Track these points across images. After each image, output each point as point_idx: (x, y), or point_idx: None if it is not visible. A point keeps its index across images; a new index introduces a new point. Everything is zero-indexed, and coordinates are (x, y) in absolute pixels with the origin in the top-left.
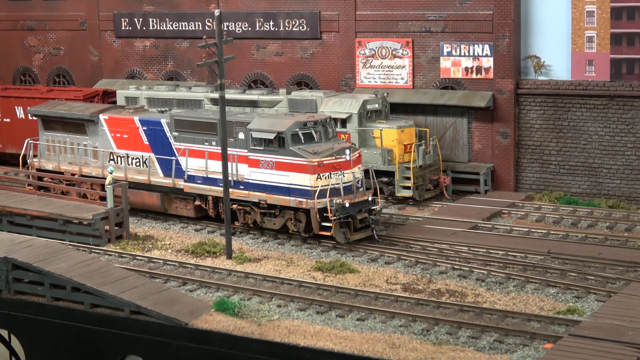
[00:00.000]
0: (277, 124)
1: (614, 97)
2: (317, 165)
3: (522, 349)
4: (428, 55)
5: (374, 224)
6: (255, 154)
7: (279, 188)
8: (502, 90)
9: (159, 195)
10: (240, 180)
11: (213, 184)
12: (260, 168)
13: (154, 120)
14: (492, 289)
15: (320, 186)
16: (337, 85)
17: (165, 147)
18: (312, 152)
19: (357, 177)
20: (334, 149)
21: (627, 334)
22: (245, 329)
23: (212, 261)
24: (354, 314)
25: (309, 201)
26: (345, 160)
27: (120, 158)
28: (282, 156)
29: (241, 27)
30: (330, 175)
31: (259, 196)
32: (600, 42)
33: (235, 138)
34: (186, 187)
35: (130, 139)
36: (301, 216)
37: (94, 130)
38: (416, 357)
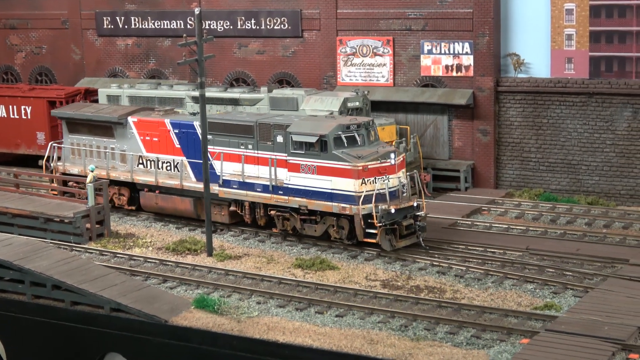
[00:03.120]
0: (319, 127)
1: (592, 94)
2: (361, 169)
3: (499, 344)
4: (409, 53)
5: (420, 231)
6: (296, 158)
7: (321, 193)
8: (482, 87)
9: (191, 200)
10: (279, 185)
11: (250, 189)
12: (301, 173)
13: (186, 123)
14: (470, 285)
15: (365, 191)
16: (319, 83)
17: (199, 150)
18: (356, 156)
19: (402, 182)
20: (379, 152)
21: (603, 329)
22: (225, 326)
23: (192, 259)
24: (333, 311)
25: (353, 207)
26: (390, 164)
27: (150, 162)
28: (325, 160)
29: (223, 26)
30: (375, 180)
31: (299, 202)
32: (579, 40)
33: (273, 141)
34: (221, 192)
35: (160, 142)
36: (344, 223)
37: (122, 133)
38: (394, 353)
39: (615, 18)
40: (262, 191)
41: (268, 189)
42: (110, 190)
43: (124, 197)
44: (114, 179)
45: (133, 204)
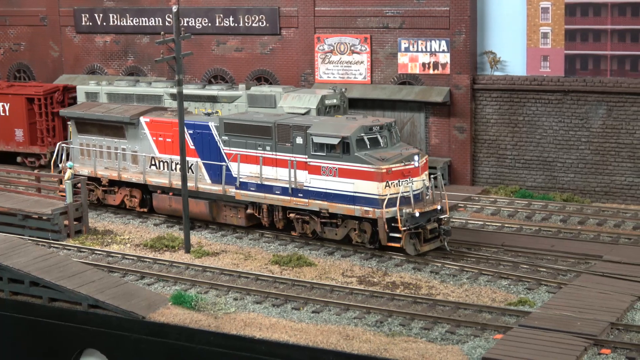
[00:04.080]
0: (341, 128)
1: (568, 92)
2: (385, 172)
3: (473, 340)
4: (386, 51)
5: (445, 235)
6: (316, 159)
7: (343, 196)
8: (459, 85)
9: (206, 203)
10: (298, 187)
11: (268, 192)
12: (322, 175)
13: (201, 124)
14: (445, 281)
15: (389, 195)
16: (297, 80)
17: (214, 152)
18: (379, 159)
19: (426, 185)
20: (403, 155)
21: (576, 324)
22: (202, 322)
23: (170, 255)
24: (309, 307)
25: (377, 210)
26: (414, 166)
27: (163, 163)
28: (347, 162)
29: (201, 23)
30: (399, 182)
31: (319, 205)
32: (554, 38)
33: (292, 143)
34: (238, 195)
35: (174, 143)
36: (366, 226)
37: (134, 134)
38: (369, 348)
39: (591, 16)
40: (281, 194)
41: (287, 192)
42: (122, 192)
43: (136, 199)
44: (125, 181)
45: (145, 206)
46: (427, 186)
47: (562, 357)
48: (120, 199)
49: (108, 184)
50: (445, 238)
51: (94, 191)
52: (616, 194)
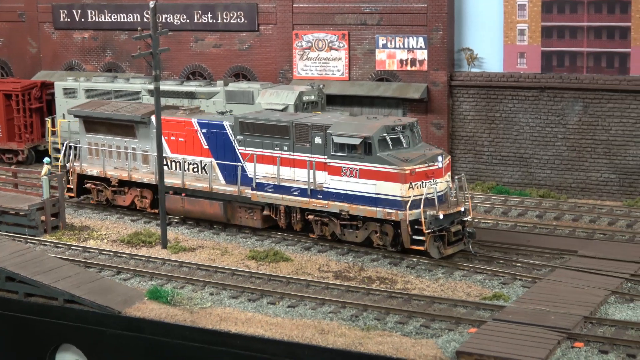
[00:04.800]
0: (363, 128)
1: (544, 88)
2: (409, 173)
3: (448, 334)
4: (364, 47)
5: (469, 237)
6: (337, 160)
7: (364, 198)
8: (436, 82)
9: (221, 204)
10: (317, 188)
11: (286, 193)
12: (342, 176)
13: (215, 123)
14: (421, 276)
15: (413, 196)
16: (275, 77)
17: (229, 152)
18: (402, 159)
19: (450, 186)
20: (426, 155)
21: (550, 318)
22: (178, 317)
23: (147, 251)
24: (285, 301)
25: (400, 212)
26: (437, 167)
27: (175, 163)
28: (369, 163)
29: (179, 19)
30: (423, 184)
31: (339, 206)
32: (531, 35)
33: (310, 143)
34: (254, 196)
35: (187, 142)
36: (388, 229)
37: (145, 133)
38: (344, 342)
39: (567, 13)
40: (300, 195)
41: (306, 193)
42: (132, 193)
43: (147, 200)
44: (136, 181)
45: (156, 207)
46: (451, 188)
47: (536, 350)
48: (130, 200)
49: (118, 185)
50: (469, 241)
51: (103, 192)
52: (592, 190)
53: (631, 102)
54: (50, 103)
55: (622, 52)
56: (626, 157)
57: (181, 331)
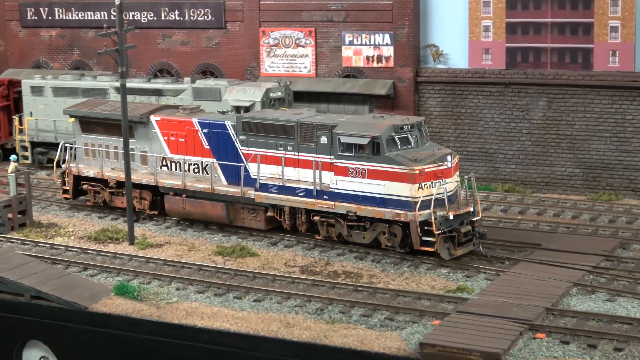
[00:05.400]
0: (371, 128)
1: (509, 84)
2: (418, 173)
3: (412, 326)
4: (330, 44)
5: (480, 238)
6: (343, 160)
7: (372, 199)
8: (402, 78)
9: (223, 205)
10: (323, 189)
11: (291, 194)
12: (349, 176)
13: (217, 123)
14: (386, 270)
15: (422, 197)
16: (242, 74)
17: (231, 152)
18: (411, 159)
19: (459, 186)
20: (436, 155)
21: (512, 310)
22: (144, 312)
23: (114, 247)
24: (251, 296)
25: (409, 213)
26: (447, 167)
27: (175, 164)
28: (377, 163)
29: (147, 17)
30: (432, 184)
31: (346, 207)
32: (496, 31)
33: (316, 143)
34: (258, 197)
35: (187, 143)
36: (397, 230)
37: (144, 133)
38: (310, 335)
39: (531, 10)
40: (305, 196)
41: (311, 194)
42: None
43: (146, 202)
44: (135, 182)
45: (155, 209)
46: (460, 187)
47: (498, 341)
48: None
49: (116, 186)
50: (479, 242)
51: (100, 193)
52: (556, 185)
53: (594, 97)
54: (17, 101)
55: (585, 47)
56: (590, 151)
57: (148, 326)
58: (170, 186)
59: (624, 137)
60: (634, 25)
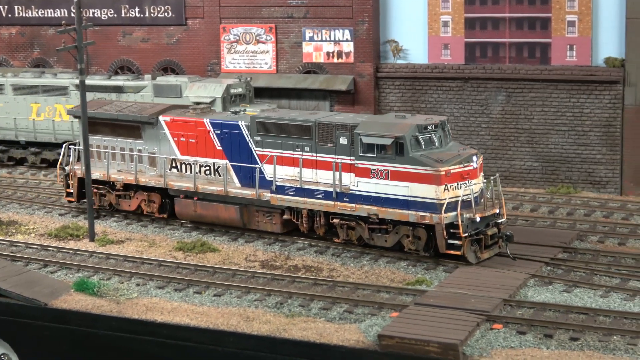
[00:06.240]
0: (394, 128)
1: (468, 79)
2: (444, 174)
3: (370, 318)
4: (291, 40)
5: (507, 240)
6: (365, 161)
7: (395, 201)
8: (363, 74)
9: (237, 208)
10: (343, 191)
11: (309, 196)
12: (371, 178)
13: (230, 123)
14: (346, 264)
15: (448, 198)
16: (203, 70)
17: (244, 153)
18: (436, 160)
19: (484, 187)
20: (462, 155)
21: (470, 301)
22: (104, 308)
23: (74, 244)
24: (211, 291)
25: (434, 216)
26: (472, 167)
27: (186, 166)
28: (400, 164)
29: (107, 14)
30: (458, 185)
31: (368, 209)
32: (455, 27)
33: (335, 143)
34: (274, 199)
35: (198, 143)
36: (421, 233)
37: (152, 134)
38: (269, 329)
39: (489, 5)
40: (324, 198)
41: (331, 196)
42: (138, 197)
43: (155, 205)
44: (143, 185)
45: (164, 212)
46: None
47: (455, 332)
48: (136, 205)
49: (123, 188)
50: (506, 244)
51: (106, 196)
52: (515, 178)
53: (552, 92)
54: None
55: (543, 42)
56: (548, 145)
57: (107, 321)
58: (181, 189)
59: (581, 131)
60: (590, 20)
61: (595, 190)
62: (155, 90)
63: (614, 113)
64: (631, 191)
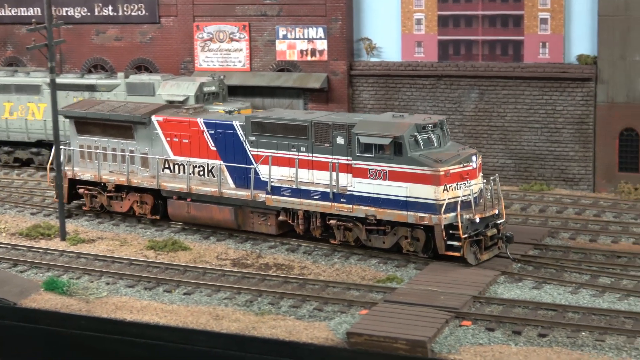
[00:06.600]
0: (392, 127)
1: (441, 77)
2: (443, 175)
3: (340, 316)
4: (264, 38)
5: (507, 242)
6: (362, 161)
7: (393, 201)
8: (336, 71)
9: (231, 209)
10: (341, 192)
11: (305, 197)
12: (369, 178)
13: (224, 123)
14: (317, 262)
15: (448, 199)
16: (177, 69)
17: (239, 153)
18: (435, 160)
19: (483, 188)
20: (461, 155)
21: (439, 298)
22: (74, 307)
23: (45, 243)
24: (181, 289)
25: (434, 217)
26: (472, 168)
27: (179, 166)
28: (399, 165)
29: (80, 12)
30: (458, 185)
31: (365, 210)
32: (428, 24)
33: (331, 143)
34: (269, 200)
35: (192, 144)
36: (419, 234)
37: (144, 134)
38: (238, 327)
39: (462, 2)
40: (321, 199)
41: (327, 197)
42: (130, 198)
43: (147, 206)
44: (136, 186)
45: (157, 213)
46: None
47: (424, 329)
48: (128, 206)
49: (114, 190)
50: (507, 245)
51: (97, 197)
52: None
53: (525, 89)
54: None
55: (515, 39)
56: (521, 142)
57: (77, 321)
58: (174, 190)
59: (554, 128)
60: (563, 17)
61: (568, 187)
62: (128, 89)
63: (586, 110)
64: (603, 188)
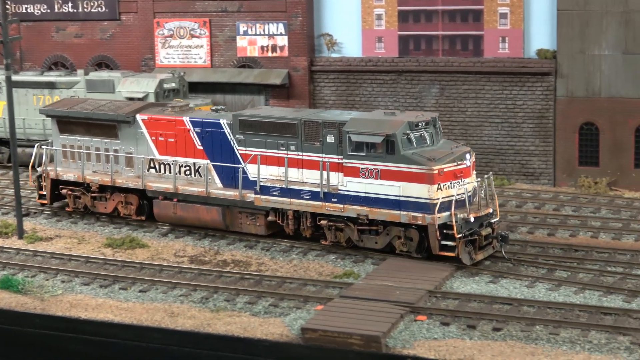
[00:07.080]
0: (384, 125)
1: (402, 72)
2: (437, 173)
3: (295, 312)
4: (225, 34)
5: (502, 241)
6: (354, 160)
7: (386, 201)
8: (297, 67)
9: (219, 210)
10: (331, 191)
11: (295, 196)
12: (361, 177)
13: (211, 122)
14: (275, 258)
15: (441, 198)
16: (138, 65)
17: (227, 152)
18: (429, 158)
19: (477, 186)
20: (454, 153)
21: (395, 293)
22: (28, 305)
23: (2, 241)
24: (137, 286)
25: (427, 216)
26: (466, 166)
27: (164, 166)
28: (391, 163)
29: (40, 9)
30: (451, 184)
31: (357, 210)
32: (388, 20)
33: (321, 141)
34: (258, 200)
35: (178, 143)
36: (413, 234)
37: (129, 133)
38: (193, 324)
39: None
40: (311, 198)
41: (318, 196)
42: (115, 199)
43: (132, 207)
44: (120, 186)
45: (142, 214)
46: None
47: (379, 324)
48: (112, 207)
49: (98, 190)
50: (502, 244)
51: (81, 198)
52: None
53: (485, 84)
54: None
55: (475, 34)
56: (482, 137)
57: (31, 319)
58: (160, 190)
59: (514, 123)
60: (522, 12)
61: (529, 181)
62: (88, 86)
63: (546, 105)
64: (564, 182)
